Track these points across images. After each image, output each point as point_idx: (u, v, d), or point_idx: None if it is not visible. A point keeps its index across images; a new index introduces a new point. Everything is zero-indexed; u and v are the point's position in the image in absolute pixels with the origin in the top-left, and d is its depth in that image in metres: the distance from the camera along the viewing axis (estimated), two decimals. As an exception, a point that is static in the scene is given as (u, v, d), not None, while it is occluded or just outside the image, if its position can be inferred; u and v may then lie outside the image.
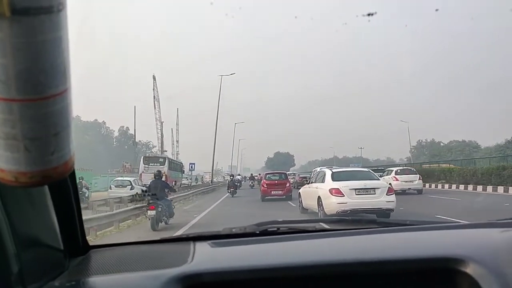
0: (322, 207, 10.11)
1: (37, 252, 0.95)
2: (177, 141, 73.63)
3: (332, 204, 9.76)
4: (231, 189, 23.23)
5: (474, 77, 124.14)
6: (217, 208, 15.89)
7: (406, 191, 20.06)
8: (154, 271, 1.06)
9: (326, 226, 1.59)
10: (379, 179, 11.14)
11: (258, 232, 1.52)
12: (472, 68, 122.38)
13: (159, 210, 9.93)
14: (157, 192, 10.24)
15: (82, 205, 1.25)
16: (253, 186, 34.18)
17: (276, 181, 19.97)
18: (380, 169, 26.39)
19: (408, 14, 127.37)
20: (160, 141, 57.44)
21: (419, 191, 20.63)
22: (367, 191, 9.92)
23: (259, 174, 46.27)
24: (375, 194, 9.88)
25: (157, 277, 0.99)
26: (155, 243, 1.55)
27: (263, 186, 19.95)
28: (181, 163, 44.12)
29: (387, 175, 22.02)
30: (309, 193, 11.55)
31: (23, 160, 0.60)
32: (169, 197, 11.24)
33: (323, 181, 10.73)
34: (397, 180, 20.73)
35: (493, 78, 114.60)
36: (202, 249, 1.29)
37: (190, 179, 43.49)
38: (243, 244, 1.40)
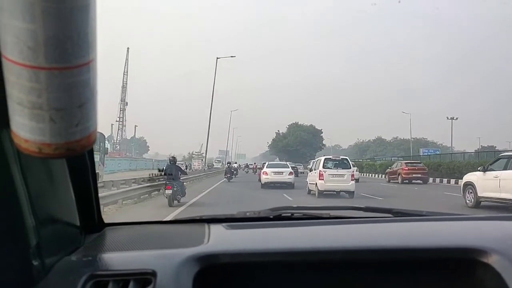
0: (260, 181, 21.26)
1: (55, 226, 0.96)
2: (125, 102, 49.42)
3: (263, 179, 20.74)
4: (228, 175, 27.08)
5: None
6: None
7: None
8: (170, 250, 1.07)
9: (340, 214, 1.60)
10: (288, 168, 21.52)
11: (272, 216, 1.54)
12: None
13: (175, 189, 12.02)
14: (173, 175, 12.37)
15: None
16: (248, 172, 44.81)
17: None
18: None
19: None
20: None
21: (357, 180, 28.91)
22: (278, 173, 20.71)
23: (254, 163, 49.46)
24: (282, 174, 20.64)
25: (173, 256, 1.00)
26: (169, 223, 1.57)
27: None
28: (101, 134, 23.57)
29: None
30: (260, 174, 22.59)
31: (48, 131, 0.60)
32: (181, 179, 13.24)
33: (264, 167, 22.23)
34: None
35: None
36: (217, 231, 1.30)
37: (187, 166, 31.26)
38: (258, 227, 1.41)
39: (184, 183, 13.66)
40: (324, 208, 1.72)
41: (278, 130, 79.12)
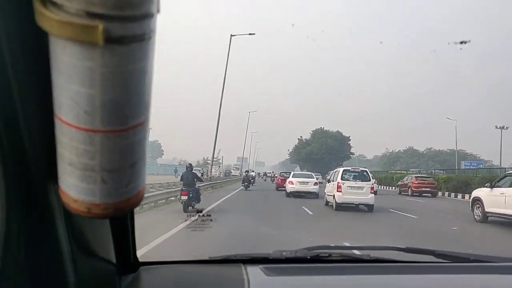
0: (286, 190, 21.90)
1: (92, 266, 0.93)
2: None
3: (289, 188, 21.34)
4: (245, 183, 27.57)
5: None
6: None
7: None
8: None
9: (381, 255, 1.56)
10: (313, 178, 22.51)
11: (309, 257, 1.52)
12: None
13: (190, 196, 12.23)
14: (188, 181, 12.61)
15: None
16: (266, 180, 45.56)
17: None
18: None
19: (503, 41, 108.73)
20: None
21: (375, 192, 29.22)
22: (304, 183, 21.42)
23: (272, 172, 50.16)
24: (307, 184, 21.32)
25: None
26: (205, 263, 1.59)
27: None
28: None
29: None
30: (286, 183, 22.88)
31: (98, 191, 0.59)
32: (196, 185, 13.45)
33: (289, 177, 23.15)
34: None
35: None
36: (255, 275, 1.27)
37: (202, 173, 27.78)
38: (298, 273, 1.39)
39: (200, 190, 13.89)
40: (364, 248, 1.69)
41: (301, 136, 71.49)
